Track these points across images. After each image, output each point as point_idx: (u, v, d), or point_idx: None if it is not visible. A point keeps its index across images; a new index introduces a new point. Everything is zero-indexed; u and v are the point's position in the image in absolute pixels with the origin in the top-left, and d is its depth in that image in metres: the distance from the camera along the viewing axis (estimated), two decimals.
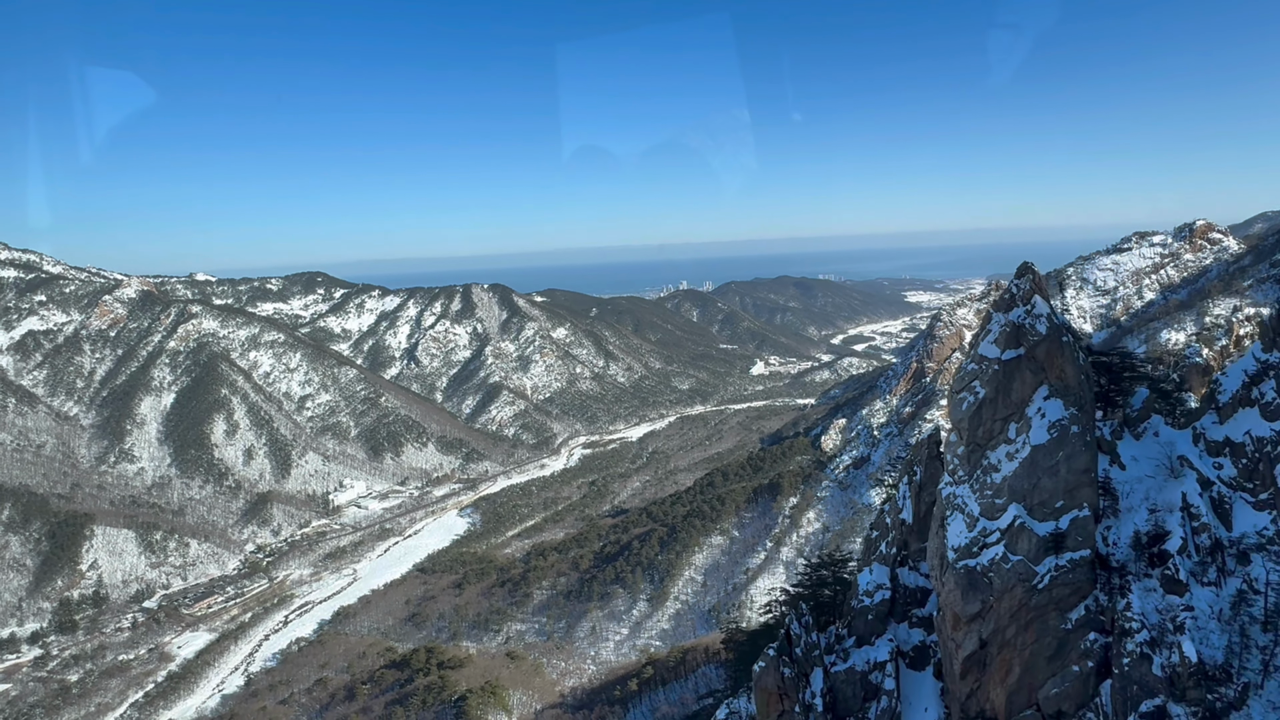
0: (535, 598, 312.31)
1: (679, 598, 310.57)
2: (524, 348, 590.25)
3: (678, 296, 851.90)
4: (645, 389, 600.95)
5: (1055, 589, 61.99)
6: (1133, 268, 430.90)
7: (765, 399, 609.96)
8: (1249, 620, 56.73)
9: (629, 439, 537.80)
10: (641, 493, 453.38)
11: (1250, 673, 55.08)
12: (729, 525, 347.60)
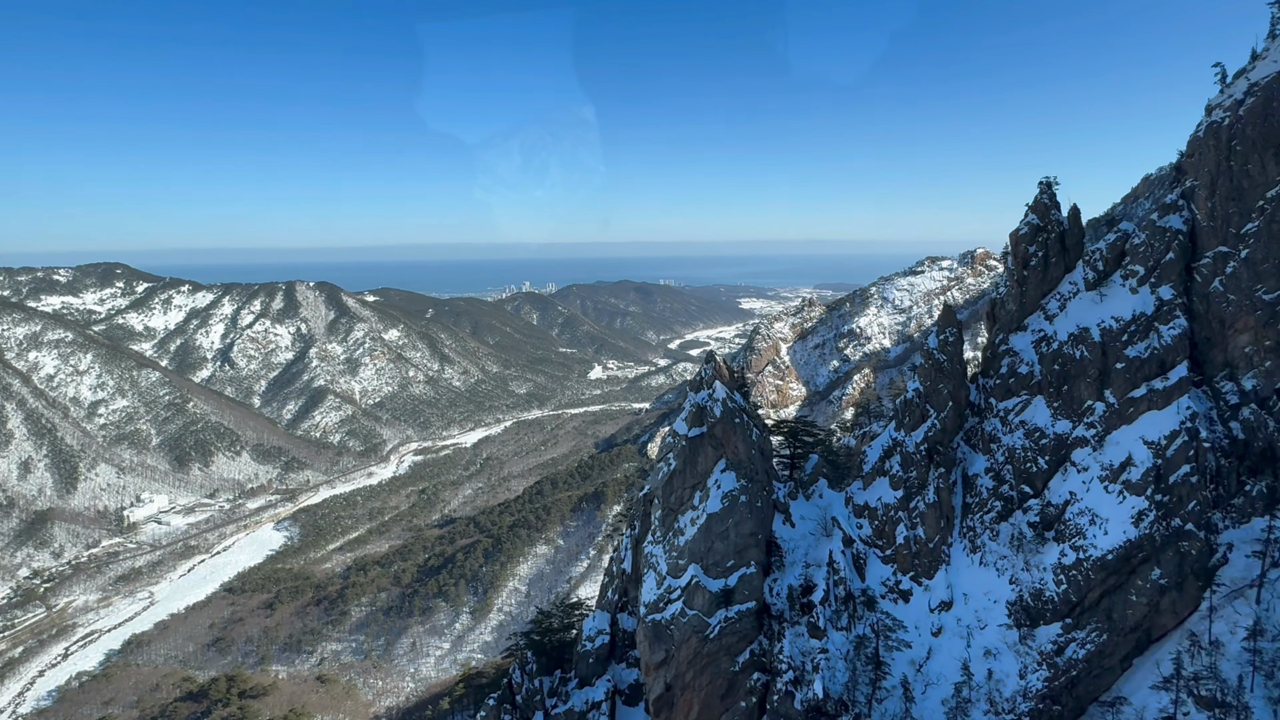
0: (354, 615, 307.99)
1: (503, 609, 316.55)
2: (353, 350, 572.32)
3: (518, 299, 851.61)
4: (482, 393, 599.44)
5: (725, 637, 75.77)
6: (925, 289, 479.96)
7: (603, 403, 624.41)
8: (865, 660, 71.94)
9: (463, 445, 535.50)
10: (473, 500, 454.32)
11: (860, 705, 70.42)
12: (554, 534, 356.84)
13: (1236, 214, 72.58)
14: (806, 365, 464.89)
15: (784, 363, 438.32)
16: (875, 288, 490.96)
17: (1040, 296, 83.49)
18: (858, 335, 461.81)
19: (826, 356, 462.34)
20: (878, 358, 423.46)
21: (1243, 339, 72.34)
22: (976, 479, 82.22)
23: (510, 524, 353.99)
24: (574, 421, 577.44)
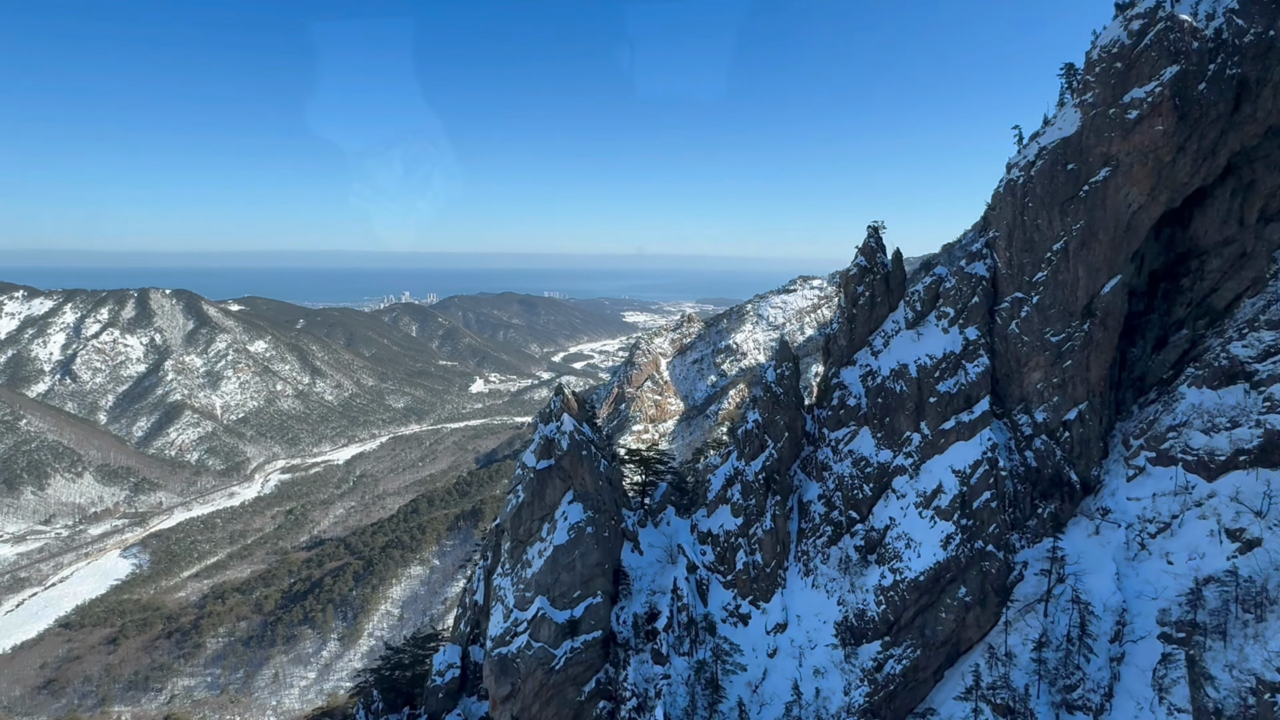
0: (210, 647, 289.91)
1: (374, 634, 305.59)
2: (214, 362, 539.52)
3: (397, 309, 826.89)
4: (356, 407, 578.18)
5: (571, 668, 76.82)
6: (797, 306, 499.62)
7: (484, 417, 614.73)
8: (704, 684, 74.44)
9: (335, 462, 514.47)
10: (345, 520, 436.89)
11: None
12: (429, 554, 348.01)
13: (1029, 263, 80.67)
14: (685, 380, 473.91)
15: (663, 378, 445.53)
16: (751, 305, 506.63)
17: (868, 333, 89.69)
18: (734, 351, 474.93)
19: (704, 371, 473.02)
20: (753, 373, 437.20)
21: (1035, 376, 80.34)
22: (811, 505, 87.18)
23: (383, 544, 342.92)
24: (454, 436, 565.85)
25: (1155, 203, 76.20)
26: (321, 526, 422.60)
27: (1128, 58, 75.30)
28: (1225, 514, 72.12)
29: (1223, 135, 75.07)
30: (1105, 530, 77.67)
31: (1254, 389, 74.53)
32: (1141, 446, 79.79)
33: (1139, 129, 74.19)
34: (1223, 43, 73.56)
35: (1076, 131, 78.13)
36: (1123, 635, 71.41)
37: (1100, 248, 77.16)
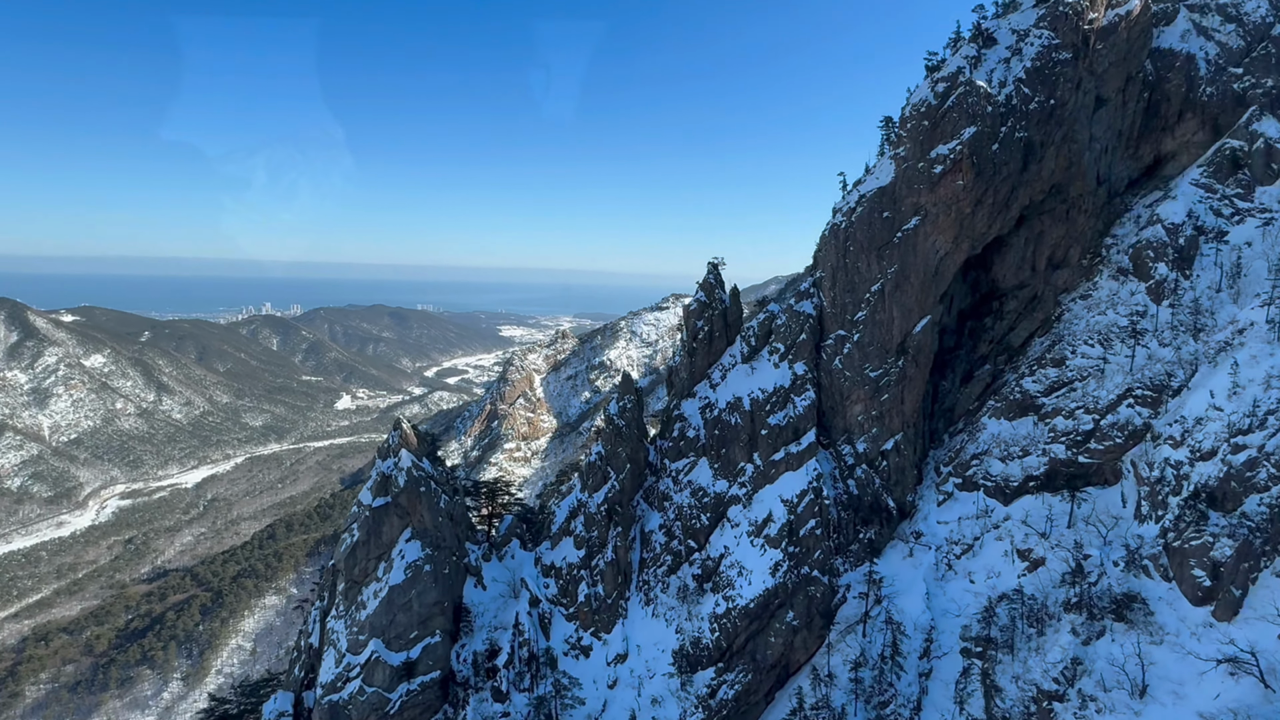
0: (29, 695, 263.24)
1: (223, 670, 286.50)
2: (42, 378, 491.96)
3: (256, 321, 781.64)
4: (209, 426, 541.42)
5: (407, 711, 74.99)
6: (669, 324, 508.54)
7: (351, 435, 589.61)
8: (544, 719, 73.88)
9: (183, 485, 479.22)
10: (193, 549, 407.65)
11: None
12: (286, 583, 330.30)
13: (851, 303, 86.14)
14: (559, 397, 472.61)
15: (536, 395, 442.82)
16: (625, 322, 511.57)
17: (707, 366, 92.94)
18: (608, 367, 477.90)
19: (578, 388, 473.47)
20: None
21: (857, 409, 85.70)
22: (652, 535, 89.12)
23: (235, 573, 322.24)
24: (317, 456, 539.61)
25: (959, 250, 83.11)
26: (166, 556, 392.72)
27: (934, 117, 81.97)
28: (1017, 535, 79.36)
29: (1014, 191, 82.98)
30: (918, 552, 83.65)
31: (1041, 420, 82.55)
32: (950, 473, 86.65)
33: (943, 182, 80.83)
34: (1013, 108, 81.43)
35: (891, 182, 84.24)
36: (930, 651, 76.98)
37: (912, 290, 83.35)
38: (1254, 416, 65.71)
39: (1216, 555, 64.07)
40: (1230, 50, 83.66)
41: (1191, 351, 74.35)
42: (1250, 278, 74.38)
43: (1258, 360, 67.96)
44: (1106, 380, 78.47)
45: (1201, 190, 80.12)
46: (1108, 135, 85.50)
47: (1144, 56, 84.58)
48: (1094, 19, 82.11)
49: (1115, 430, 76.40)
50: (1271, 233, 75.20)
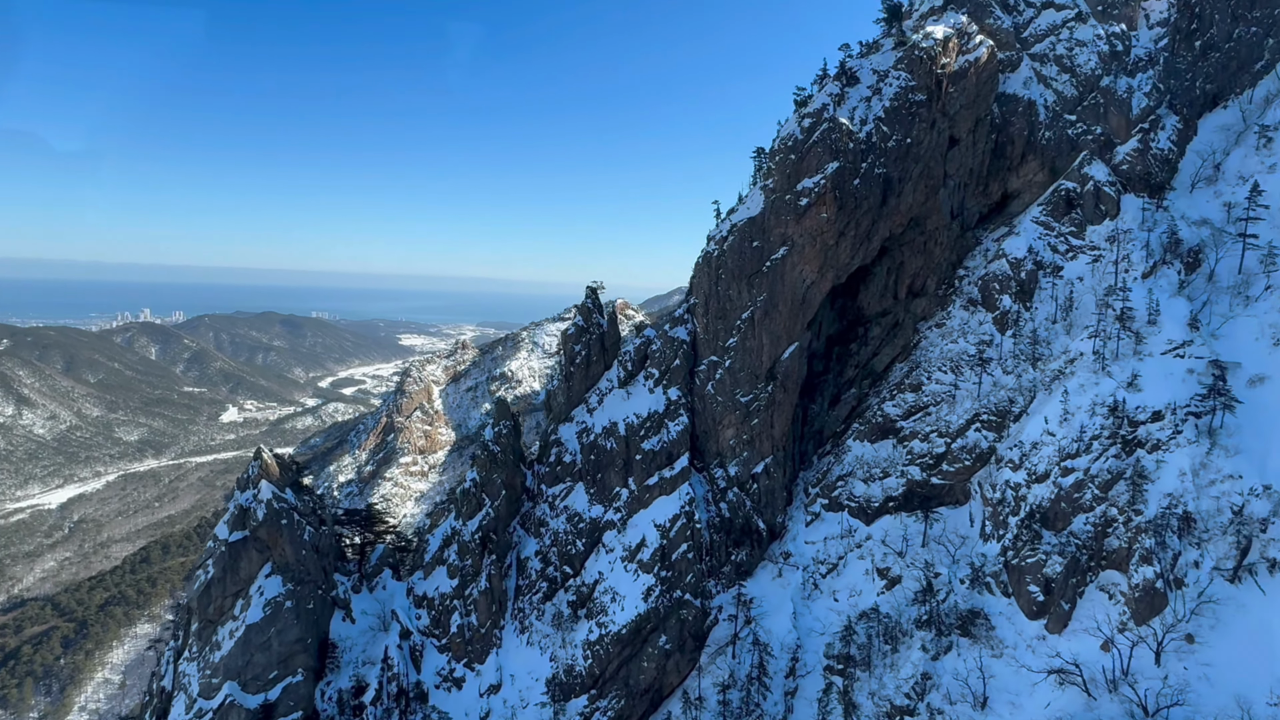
0: None
1: (88, 707, 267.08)
2: None
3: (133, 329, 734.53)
4: (76, 442, 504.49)
5: None
6: None
7: (237, 449, 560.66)
8: None
9: (45, 506, 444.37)
10: (57, 575, 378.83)
11: None
12: (162, 610, 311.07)
13: (723, 330, 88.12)
14: (459, 408, 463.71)
15: (434, 407, 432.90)
16: (526, 332, 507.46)
17: (584, 391, 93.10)
18: (509, 378, 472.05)
19: (479, 399, 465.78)
20: (527, 401, 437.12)
21: (729, 433, 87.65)
22: (528, 562, 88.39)
23: (103, 601, 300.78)
24: (200, 472, 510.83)
25: (824, 279, 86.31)
26: (24, 584, 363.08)
27: (800, 151, 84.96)
28: (877, 554, 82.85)
29: (875, 223, 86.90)
30: (787, 572, 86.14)
31: (900, 443, 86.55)
32: (818, 494, 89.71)
33: (808, 214, 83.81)
34: (873, 145, 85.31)
35: (760, 212, 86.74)
36: (796, 670, 79.30)
37: (780, 317, 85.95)
38: (1081, 441, 70.88)
39: (1049, 572, 68.67)
40: (1065, 98, 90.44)
41: (1031, 379, 79.61)
42: (1081, 310, 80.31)
43: (1085, 389, 73.40)
44: (957, 405, 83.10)
45: (1041, 228, 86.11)
46: (960, 173, 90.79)
47: (991, 100, 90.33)
48: (946, 64, 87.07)
49: (964, 453, 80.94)
50: (1100, 269, 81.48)
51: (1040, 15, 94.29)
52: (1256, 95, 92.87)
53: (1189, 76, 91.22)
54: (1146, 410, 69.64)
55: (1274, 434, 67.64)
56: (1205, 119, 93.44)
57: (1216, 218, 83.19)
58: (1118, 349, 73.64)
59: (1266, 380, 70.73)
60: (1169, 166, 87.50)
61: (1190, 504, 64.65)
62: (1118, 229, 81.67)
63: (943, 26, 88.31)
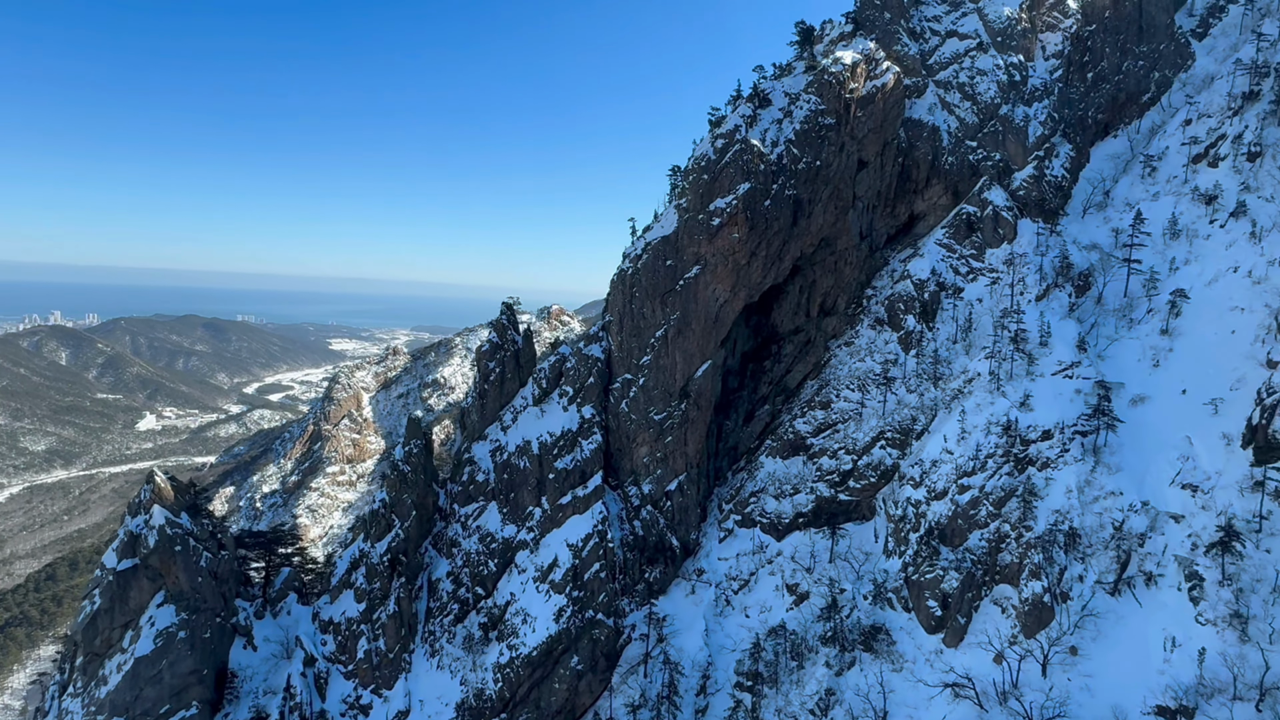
0: None
1: None
2: None
3: (41, 332, 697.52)
4: None
5: None
6: None
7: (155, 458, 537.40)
8: None
9: None
10: None
11: None
12: (66, 629, 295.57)
13: (637, 348, 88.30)
14: (390, 416, 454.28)
15: (362, 415, 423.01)
16: (459, 338, 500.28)
17: (499, 408, 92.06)
18: (441, 385, 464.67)
19: (410, 407, 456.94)
20: (459, 408, 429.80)
21: (643, 451, 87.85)
22: (440, 583, 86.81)
23: (2, 623, 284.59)
24: (113, 483, 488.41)
25: (737, 298, 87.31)
26: None
27: (713, 171, 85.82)
28: (787, 570, 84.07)
29: (786, 244, 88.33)
30: (700, 590, 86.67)
31: (810, 460, 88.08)
32: (731, 510, 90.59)
33: (721, 234, 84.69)
34: (783, 167, 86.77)
35: (674, 231, 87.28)
36: (707, 688, 79.68)
37: (694, 336, 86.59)
38: (977, 460, 73.33)
39: (946, 587, 70.74)
40: (967, 125, 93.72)
41: (933, 398, 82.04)
42: (979, 331, 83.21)
43: (981, 408, 76.04)
44: (864, 423, 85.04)
45: (944, 250, 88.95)
46: (869, 194, 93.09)
47: (898, 125, 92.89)
48: (854, 88, 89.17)
49: (870, 470, 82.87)
50: (997, 291, 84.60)
51: (945, 43, 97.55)
52: (1144, 125, 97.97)
53: (1082, 106, 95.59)
54: (1037, 429, 72.57)
55: (1152, 452, 71.31)
56: (1098, 147, 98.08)
57: (1106, 242, 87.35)
58: (1012, 370, 76.54)
59: (1147, 400, 74.57)
60: (1063, 193, 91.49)
61: (1076, 520, 67.55)
62: (1014, 252, 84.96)
63: (851, 52, 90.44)
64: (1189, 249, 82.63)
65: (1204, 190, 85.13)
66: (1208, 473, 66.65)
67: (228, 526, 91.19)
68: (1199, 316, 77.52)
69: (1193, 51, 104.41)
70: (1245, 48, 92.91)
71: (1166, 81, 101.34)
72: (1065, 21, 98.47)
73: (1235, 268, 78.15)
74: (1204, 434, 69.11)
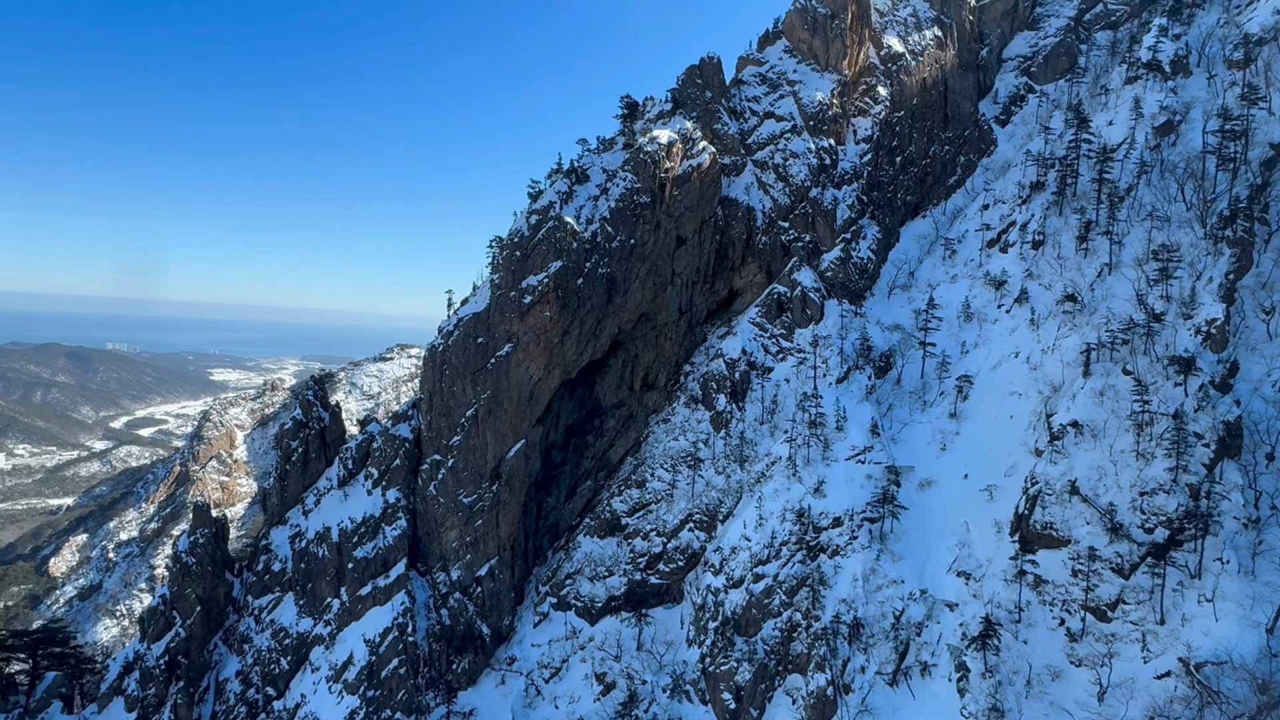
0: None
1: None
2: None
3: None
4: None
5: None
6: (394, 375, 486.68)
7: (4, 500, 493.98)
8: None
9: None
10: None
11: None
12: None
13: (447, 428, 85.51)
14: (265, 455, 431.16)
15: (233, 457, 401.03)
16: (344, 372, 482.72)
17: (302, 491, 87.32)
18: None
19: None
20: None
21: (452, 535, 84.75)
22: (227, 684, 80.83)
23: None
24: None
25: (551, 375, 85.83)
26: None
27: (525, 248, 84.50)
28: (596, 658, 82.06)
29: (601, 321, 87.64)
30: (510, 679, 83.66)
31: (625, 541, 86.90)
32: (547, 593, 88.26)
33: (532, 312, 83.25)
34: (597, 245, 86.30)
35: (486, 308, 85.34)
36: None
37: (506, 415, 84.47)
38: (772, 547, 73.72)
39: (740, 679, 70.31)
40: (780, 206, 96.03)
41: (738, 480, 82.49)
42: (784, 412, 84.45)
43: (778, 494, 76.74)
44: (674, 504, 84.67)
45: (757, 329, 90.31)
46: (688, 271, 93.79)
47: (716, 203, 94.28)
48: (670, 168, 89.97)
49: (679, 553, 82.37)
50: (803, 371, 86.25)
51: (763, 124, 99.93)
52: (950, 207, 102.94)
53: (891, 188, 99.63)
54: (829, 516, 73.62)
55: (934, 538, 73.40)
56: (907, 227, 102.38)
57: (908, 323, 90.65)
58: (809, 454, 77.70)
59: (934, 484, 76.98)
60: (869, 274, 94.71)
61: (860, 609, 68.44)
62: (818, 334, 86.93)
63: (668, 132, 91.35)
64: (979, 332, 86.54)
65: (994, 275, 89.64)
66: (980, 560, 68.96)
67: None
68: (984, 400, 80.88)
69: (995, 137, 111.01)
70: (1036, 139, 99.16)
71: (971, 165, 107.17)
72: (875, 107, 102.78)
73: (1016, 353, 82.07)
74: (980, 520, 71.56)
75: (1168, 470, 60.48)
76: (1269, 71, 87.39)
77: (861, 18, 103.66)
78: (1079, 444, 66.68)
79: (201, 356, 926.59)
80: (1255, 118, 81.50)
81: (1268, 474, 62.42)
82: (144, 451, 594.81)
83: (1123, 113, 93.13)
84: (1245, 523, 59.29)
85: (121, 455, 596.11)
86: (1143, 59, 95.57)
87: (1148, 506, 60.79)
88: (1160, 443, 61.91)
